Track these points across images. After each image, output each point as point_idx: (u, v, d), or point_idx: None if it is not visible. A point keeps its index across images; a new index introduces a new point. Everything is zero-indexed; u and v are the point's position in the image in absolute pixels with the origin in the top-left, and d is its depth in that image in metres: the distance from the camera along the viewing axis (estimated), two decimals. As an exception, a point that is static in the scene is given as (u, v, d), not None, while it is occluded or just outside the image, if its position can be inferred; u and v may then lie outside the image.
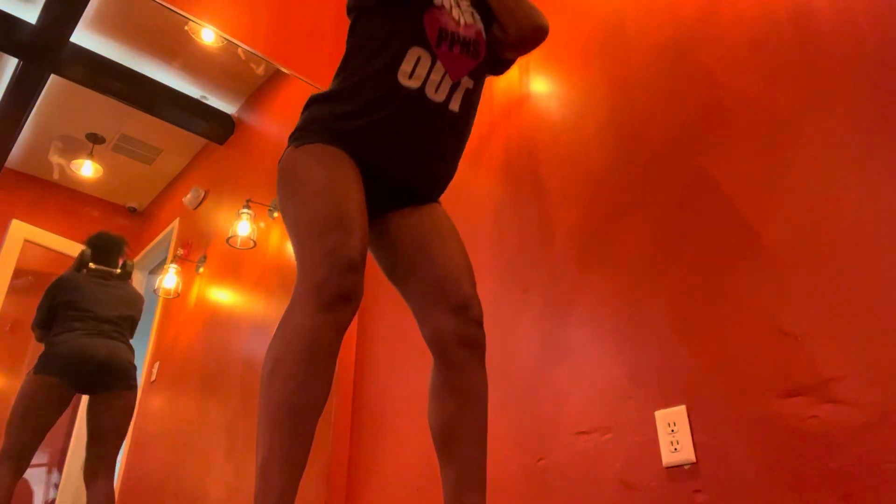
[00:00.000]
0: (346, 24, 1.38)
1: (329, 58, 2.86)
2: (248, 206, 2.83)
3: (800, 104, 1.43)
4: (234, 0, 2.83)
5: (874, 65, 1.32)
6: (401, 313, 1.29)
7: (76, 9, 2.47)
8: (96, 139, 2.84)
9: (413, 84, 1.24)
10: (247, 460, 2.36)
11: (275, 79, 2.97)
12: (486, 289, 1.92)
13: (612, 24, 1.94)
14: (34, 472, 2.40)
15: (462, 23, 1.31)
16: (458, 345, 1.21)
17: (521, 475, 1.69)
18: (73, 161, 2.83)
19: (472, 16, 1.35)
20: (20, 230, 2.60)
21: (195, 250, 2.99)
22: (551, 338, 1.77)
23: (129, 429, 2.30)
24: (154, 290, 2.94)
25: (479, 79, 1.35)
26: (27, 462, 2.06)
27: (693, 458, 1.37)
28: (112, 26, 2.68)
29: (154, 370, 2.80)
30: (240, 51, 2.81)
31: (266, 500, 0.93)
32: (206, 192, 3.04)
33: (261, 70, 2.97)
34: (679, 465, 1.40)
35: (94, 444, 2.21)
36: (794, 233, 1.36)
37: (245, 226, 2.82)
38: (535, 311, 1.84)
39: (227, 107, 3.07)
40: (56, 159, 2.79)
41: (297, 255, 1.12)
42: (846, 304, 1.24)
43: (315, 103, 1.30)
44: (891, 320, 1.18)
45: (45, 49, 2.53)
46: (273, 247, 2.79)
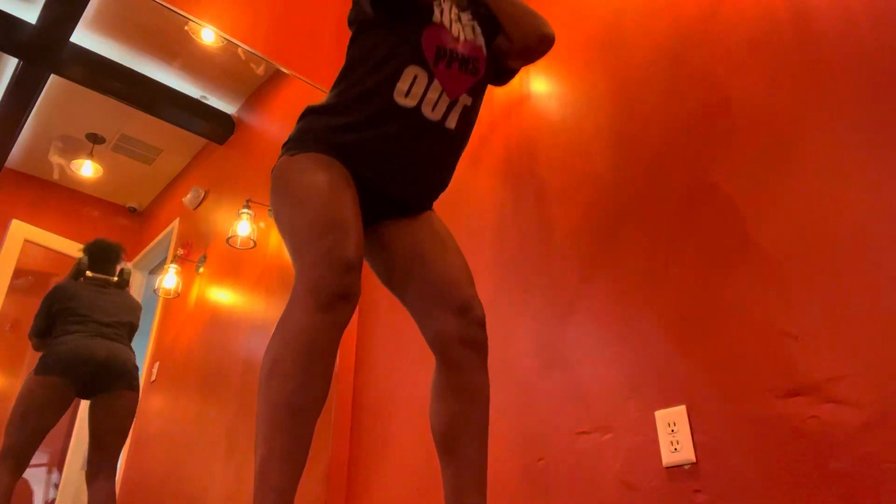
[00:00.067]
0: (347, 23, 1.38)
1: (329, 58, 2.86)
2: (248, 206, 2.83)
3: (800, 105, 1.43)
4: (234, 0, 2.83)
5: (874, 65, 1.32)
6: (401, 313, 1.30)
7: (76, 9, 2.47)
8: (96, 139, 2.84)
9: (409, 103, 1.23)
10: (247, 460, 2.36)
11: (275, 79, 2.97)
12: (486, 289, 1.92)
13: (612, 25, 1.94)
14: (34, 472, 2.40)
15: (462, 39, 1.30)
16: (460, 345, 1.21)
17: (521, 475, 1.69)
18: (73, 161, 2.83)
19: (473, 30, 1.34)
20: (20, 230, 2.60)
21: (195, 250, 2.99)
22: (551, 337, 1.77)
23: (130, 429, 2.30)
24: (154, 290, 2.94)
25: (477, 95, 1.34)
26: (27, 462, 2.06)
27: (693, 458, 1.37)
28: (112, 26, 2.68)
29: (154, 370, 2.80)
30: (240, 51, 2.81)
31: (265, 500, 0.93)
32: (206, 192, 3.04)
33: (261, 70, 2.97)
34: (679, 465, 1.40)
35: (96, 445, 2.21)
36: (795, 233, 1.36)
37: (245, 226, 2.82)
38: (534, 311, 1.84)
39: (227, 107, 3.07)
40: (56, 159, 2.79)
41: (293, 257, 1.13)
42: (846, 305, 1.24)
43: (311, 114, 1.30)
44: (891, 320, 1.18)
45: (45, 49, 2.53)
46: (273, 247, 2.79)
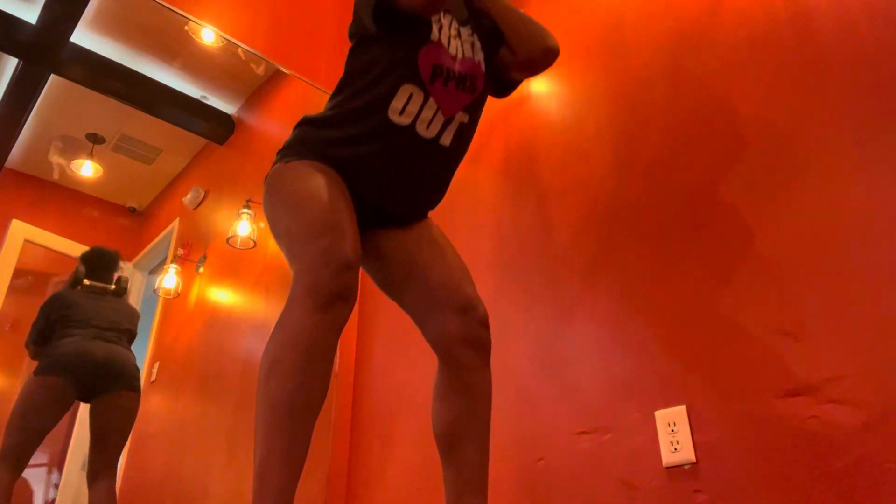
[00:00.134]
0: (347, 23, 1.38)
1: (329, 58, 2.86)
2: (248, 206, 2.83)
3: (800, 105, 1.43)
4: (234, 0, 2.83)
5: (874, 65, 1.32)
6: (401, 313, 1.30)
7: (76, 9, 2.47)
8: (96, 139, 2.84)
9: (404, 120, 1.23)
10: (247, 460, 2.36)
11: (275, 79, 2.97)
12: (486, 288, 1.92)
13: (613, 25, 1.94)
14: (34, 472, 2.40)
15: (460, 56, 1.30)
16: (463, 345, 1.21)
17: (522, 475, 1.69)
18: (73, 161, 2.82)
19: (472, 46, 1.33)
20: (20, 230, 2.60)
21: (195, 250, 2.99)
22: (551, 337, 1.77)
23: (131, 430, 2.29)
24: (154, 290, 2.93)
25: (474, 112, 1.34)
26: (26, 462, 2.06)
27: (693, 458, 1.37)
28: (112, 26, 2.68)
29: (154, 370, 2.80)
30: (240, 51, 2.81)
31: (265, 500, 0.93)
32: (206, 192, 3.04)
33: (261, 70, 2.97)
34: (679, 465, 1.40)
35: (97, 446, 2.20)
36: (794, 233, 1.36)
37: (245, 226, 2.82)
38: (534, 311, 1.84)
39: (227, 107, 3.06)
40: (56, 159, 2.79)
41: (290, 260, 1.12)
42: (846, 305, 1.24)
43: (307, 125, 1.30)
44: (891, 320, 1.18)
45: (45, 49, 2.53)
46: (273, 247, 2.79)
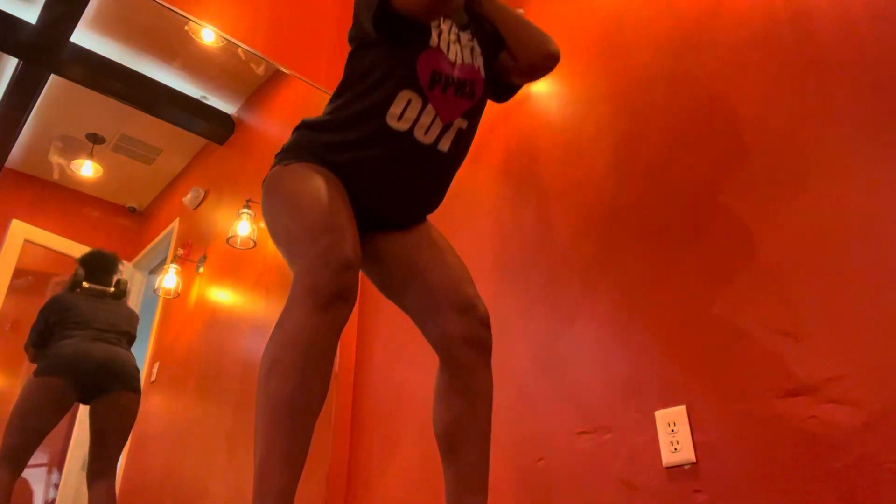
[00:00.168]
0: (347, 23, 1.38)
1: (329, 58, 2.86)
2: (248, 206, 2.83)
3: (800, 105, 1.43)
4: (234, 0, 2.83)
5: (874, 65, 1.32)
6: (401, 313, 1.30)
7: (76, 9, 2.47)
8: (96, 139, 2.84)
9: (402, 126, 1.23)
10: (247, 460, 2.36)
11: (275, 79, 2.97)
12: (486, 288, 1.92)
13: (613, 25, 1.94)
14: (34, 472, 2.40)
15: (459, 62, 1.29)
16: (464, 345, 1.21)
17: (521, 475, 1.69)
18: (73, 161, 2.82)
19: (472, 51, 1.33)
20: (20, 230, 2.60)
21: (195, 250, 2.99)
22: (551, 337, 1.77)
23: (131, 430, 2.29)
24: (154, 290, 2.93)
25: (473, 117, 1.34)
26: (26, 462, 2.06)
27: (693, 458, 1.37)
28: (112, 26, 2.68)
29: (154, 370, 2.80)
30: (240, 51, 2.81)
31: (265, 500, 0.93)
32: (206, 192, 3.04)
33: (261, 70, 2.97)
34: (679, 465, 1.40)
35: (97, 446, 2.20)
36: (794, 232, 1.36)
37: (245, 226, 2.82)
38: (534, 311, 1.84)
39: (227, 107, 3.06)
40: (56, 159, 2.79)
41: (290, 261, 1.12)
42: (846, 305, 1.24)
43: (306, 128, 1.30)
44: (891, 320, 1.18)
45: (45, 49, 2.53)
46: (273, 247, 2.78)
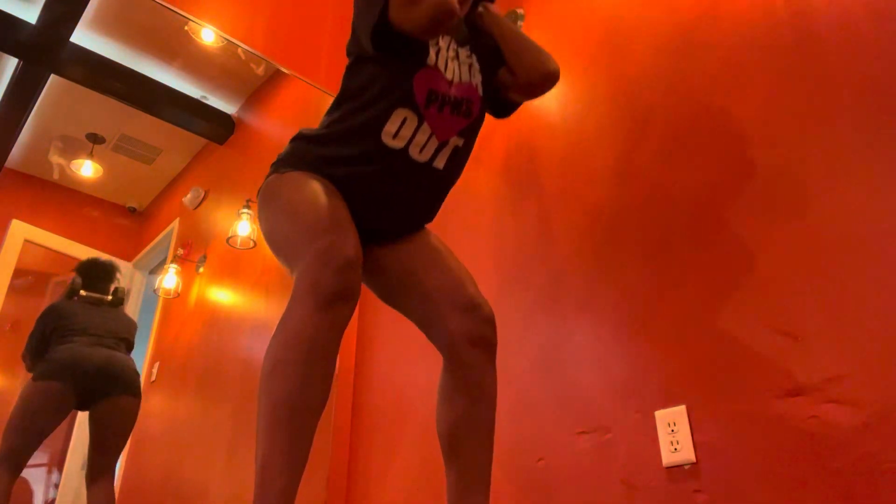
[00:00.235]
0: (347, 24, 1.38)
1: (329, 58, 2.86)
2: (248, 206, 2.83)
3: (799, 104, 1.43)
4: (234, 0, 2.83)
5: (874, 65, 1.32)
6: (401, 314, 1.30)
7: (76, 9, 2.46)
8: (96, 139, 2.84)
9: (397, 144, 1.23)
10: (247, 460, 2.36)
11: (275, 79, 2.97)
12: (486, 288, 1.92)
13: (613, 25, 1.94)
14: (34, 472, 2.40)
15: (456, 80, 1.28)
16: (469, 344, 1.21)
17: (521, 475, 1.69)
18: (73, 161, 2.82)
19: (471, 68, 1.32)
20: (20, 230, 2.60)
21: (195, 250, 2.99)
22: (552, 337, 1.77)
23: (130, 434, 2.29)
24: (154, 290, 2.93)
25: (470, 135, 1.33)
26: (24, 464, 2.06)
27: (693, 458, 1.37)
28: (112, 26, 2.67)
29: (154, 370, 2.80)
30: (240, 51, 2.81)
31: (266, 500, 0.93)
32: (206, 192, 3.04)
33: (261, 70, 2.97)
34: (679, 465, 1.40)
35: (96, 449, 2.20)
36: (794, 232, 1.36)
37: (245, 226, 2.82)
38: (535, 311, 1.84)
39: (227, 107, 3.06)
40: (56, 159, 2.79)
41: (291, 265, 1.12)
42: (846, 304, 1.24)
43: (302, 140, 1.30)
44: (891, 320, 1.18)
45: (45, 49, 2.53)
46: (273, 247, 2.78)
